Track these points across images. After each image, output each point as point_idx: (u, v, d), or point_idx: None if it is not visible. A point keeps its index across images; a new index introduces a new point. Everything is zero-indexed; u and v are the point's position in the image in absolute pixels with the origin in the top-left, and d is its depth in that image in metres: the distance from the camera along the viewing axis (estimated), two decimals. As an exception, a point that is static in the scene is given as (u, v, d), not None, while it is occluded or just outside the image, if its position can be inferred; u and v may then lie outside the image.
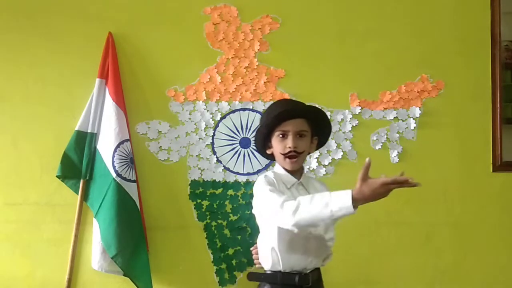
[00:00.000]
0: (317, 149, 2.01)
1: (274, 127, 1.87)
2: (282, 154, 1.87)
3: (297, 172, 1.93)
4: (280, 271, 1.85)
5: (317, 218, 1.65)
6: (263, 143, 1.95)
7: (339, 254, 2.61)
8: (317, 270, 1.91)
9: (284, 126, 1.86)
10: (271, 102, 2.64)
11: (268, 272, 1.88)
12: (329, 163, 2.66)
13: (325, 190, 1.94)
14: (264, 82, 2.67)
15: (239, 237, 2.64)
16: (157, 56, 2.67)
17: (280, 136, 1.87)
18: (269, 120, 1.87)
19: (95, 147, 2.58)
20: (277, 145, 1.88)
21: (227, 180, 2.66)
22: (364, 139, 2.68)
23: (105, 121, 2.57)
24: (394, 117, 2.68)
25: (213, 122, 2.67)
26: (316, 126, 1.92)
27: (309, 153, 1.97)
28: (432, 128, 2.68)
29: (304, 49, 2.68)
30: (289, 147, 1.85)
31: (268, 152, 1.95)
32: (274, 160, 1.96)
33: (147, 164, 2.65)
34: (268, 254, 1.87)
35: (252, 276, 1.94)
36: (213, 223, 2.65)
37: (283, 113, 1.85)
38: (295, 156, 1.86)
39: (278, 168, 1.95)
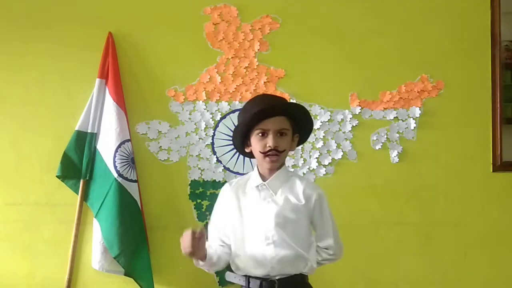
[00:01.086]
0: (298, 146, 1.94)
1: (253, 125, 1.80)
2: (262, 153, 1.80)
3: (273, 172, 1.86)
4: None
5: None
6: (241, 141, 1.88)
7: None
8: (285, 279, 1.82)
9: (264, 124, 1.78)
10: (271, 102, 2.65)
11: None
12: (329, 163, 2.66)
13: (300, 192, 1.86)
14: (264, 82, 2.67)
15: (239, 237, 2.64)
16: (157, 56, 2.67)
17: (260, 134, 1.79)
18: (248, 118, 1.79)
19: (95, 147, 2.58)
20: (256, 144, 1.80)
21: (227, 180, 2.65)
22: (364, 139, 2.68)
23: (105, 121, 2.57)
24: (394, 117, 2.68)
25: (213, 122, 2.67)
26: (297, 124, 1.85)
27: (290, 151, 1.91)
28: (432, 128, 2.68)
29: (304, 49, 2.68)
30: (269, 146, 1.77)
31: (247, 150, 1.89)
32: (253, 158, 1.92)
33: (147, 164, 2.65)
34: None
35: None
36: (213, 223, 2.65)
37: (262, 111, 1.76)
38: (276, 155, 1.79)
39: (254, 170, 1.91)
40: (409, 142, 2.68)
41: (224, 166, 2.66)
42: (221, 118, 2.67)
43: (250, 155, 1.92)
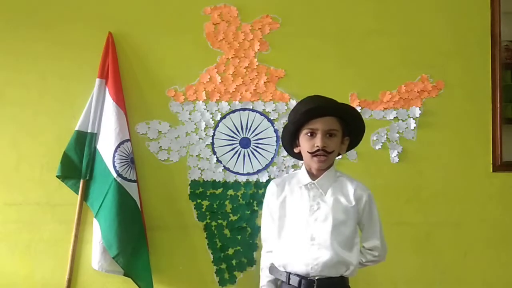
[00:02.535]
0: (348, 150, 1.92)
1: (302, 124, 1.79)
2: (310, 153, 1.79)
3: (321, 172, 1.84)
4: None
5: None
6: (290, 141, 1.87)
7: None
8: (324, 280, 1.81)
9: (313, 124, 1.77)
10: (271, 102, 2.65)
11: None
12: (329, 163, 2.66)
13: (351, 193, 1.85)
14: (264, 82, 2.67)
15: (239, 237, 2.64)
16: (157, 56, 2.67)
17: (308, 134, 1.78)
18: (297, 117, 1.79)
19: (95, 147, 2.58)
20: (305, 144, 1.80)
21: (227, 180, 2.66)
22: (364, 139, 2.64)
23: (105, 121, 2.57)
24: (394, 117, 2.68)
25: (213, 122, 2.67)
26: (348, 126, 1.83)
27: (339, 154, 1.89)
28: (432, 128, 2.68)
29: (304, 49, 2.68)
30: (317, 146, 1.76)
31: (296, 151, 1.88)
32: (301, 159, 1.90)
33: (147, 164, 2.65)
34: None
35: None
36: (213, 223, 2.65)
37: (312, 110, 1.76)
38: (324, 155, 1.78)
39: (301, 168, 1.90)
40: (409, 142, 2.68)
41: (224, 166, 2.66)
42: (221, 118, 2.67)
43: (299, 156, 1.90)
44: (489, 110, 2.69)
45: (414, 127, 2.68)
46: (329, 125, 1.78)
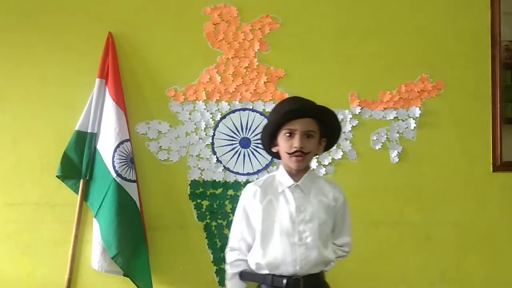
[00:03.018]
0: (325, 150, 1.96)
1: (281, 125, 1.83)
2: (288, 153, 1.83)
3: (299, 173, 1.89)
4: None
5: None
6: (269, 141, 1.90)
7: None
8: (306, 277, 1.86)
9: (292, 125, 1.81)
10: (271, 102, 2.66)
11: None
12: (329, 163, 2.66)
13: (330, 194, 1.92)
14: (264, 82, 2.67)
15: (239, 237, 2.64)
16: (157, 56, 2.67)
17: (287, 135, 1.82)
18: (276, 118, 1.83)
19: (95, 147, 2.58)
20: (283, 144, 1.84)
21: (227, 180, 2.66)
22: (364, 139, 2.68)
23: (105, 121, 2.57)
24: (394, 117, 2.68)
25: (213, 122, 2.67)
26: (325, 127, 1.87)
27: (316, 155, 1.93)
28: (432, 128, 2.68)
29: (304, 49, 2.68)
30: (295, 147, 1.80)
31: (274, 150, 1.91)
32: (279, 158, 1.93)
33: (147, 164, 2.65)
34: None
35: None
36: (213, 223, 2.65)
37: (291, 112, 1.80)
38: (301, 156, 1.82)
39: (279, 170, 1.94)
40: (409, 142, 2.68)
41: (224, 166, 2.66)
42: (221, 118, 2.67)
43: (277, 156, 1.94)
44: (489, 110, 2.69)
45: (414, 127, 2.68)
46: (307, 126, 1.83)
